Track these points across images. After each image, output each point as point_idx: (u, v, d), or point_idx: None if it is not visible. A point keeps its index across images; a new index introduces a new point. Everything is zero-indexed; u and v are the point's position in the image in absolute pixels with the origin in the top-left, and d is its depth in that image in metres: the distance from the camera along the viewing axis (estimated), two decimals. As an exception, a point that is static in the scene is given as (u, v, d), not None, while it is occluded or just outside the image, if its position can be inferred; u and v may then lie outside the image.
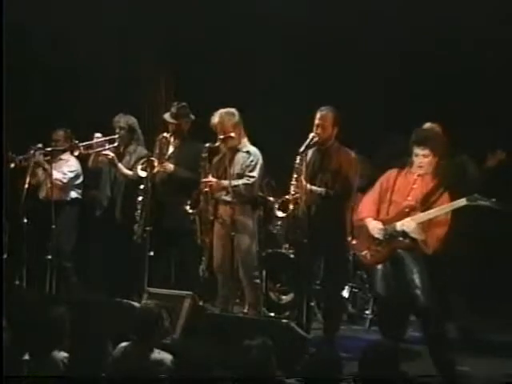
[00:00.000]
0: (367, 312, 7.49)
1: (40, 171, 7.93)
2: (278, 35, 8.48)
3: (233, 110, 6.89)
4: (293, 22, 8.31)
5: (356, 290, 7.68)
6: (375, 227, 5.99)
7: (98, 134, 7.74)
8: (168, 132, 7.42)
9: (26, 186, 7.56)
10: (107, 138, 7.71)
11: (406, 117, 7.43)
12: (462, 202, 5.78)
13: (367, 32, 8.17)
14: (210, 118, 6.95)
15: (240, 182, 6.85)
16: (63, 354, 4.91)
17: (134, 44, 8.95)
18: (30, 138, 8.09)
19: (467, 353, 6.40)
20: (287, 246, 7.82)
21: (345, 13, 8.23)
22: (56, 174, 7.84)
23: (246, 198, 6.88)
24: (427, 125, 6.76)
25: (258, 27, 8.50)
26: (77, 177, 8.02)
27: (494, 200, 5.74)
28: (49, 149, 7.80)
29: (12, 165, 7.83)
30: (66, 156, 8.07)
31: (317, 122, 6.63)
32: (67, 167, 8.01)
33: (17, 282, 7.68)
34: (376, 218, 6.03)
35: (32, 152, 7.73)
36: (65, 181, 7.94)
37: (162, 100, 9.01)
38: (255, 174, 6.89)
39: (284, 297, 7.65)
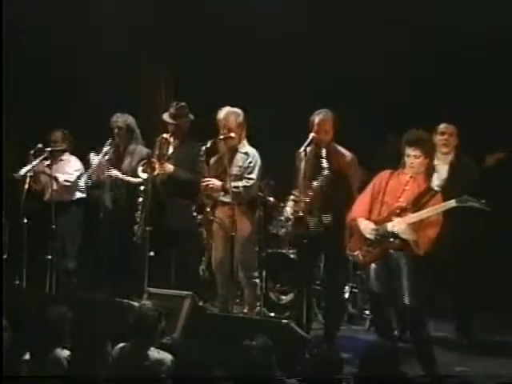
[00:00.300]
0: (367, 312, 7.48)
1: (43, 177, 7.90)
2: (278, 35, 8.48)
3: (239, 110, 6.91)
4: (293, 22, 8.32)
5: (356, 290, 7.67)
6: (366, 228, 6.06)
7: (92, 155, 7.74)
8: (167, 132, 7.41)
9: (26, 186, 7.56)
10: (102, 153, 7.67)
11: (405, 118, 7.45)
12: (452, 203, 5.85)
13: (367, 32, 8.17)
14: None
15: (239, 183, 6.85)
16: (63, 354, 4.91)
17: (133, 44, 8.94)
18: (30, 139, 8.10)
19: (461, 353, 6.46)
20: (287, 245, 7.82)
21: (345, 13, 8.24)
22: (62, 176, 7.86)
23: (244, 198, 6.90)
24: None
25: (258, 27, 8.50)
26: (81, 176, 8.01)
27: (483, 201, 5.80)
28: (48, 149, 7.79)
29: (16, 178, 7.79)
30: (67, 156, 8.07)
31: (317, 126, 6.64)
32: (71, 167, 8.01)
33: (17, 282, 7.69)
34: (368, 219, 6.10)
35: (32, 152, 7.73)
36: (72, 180, 7.94)
37: (161, 100, 9.01)
38: (254, 176, 6.91)
39: (284, 297, 7.65)
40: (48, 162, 7.80)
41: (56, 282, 7.53)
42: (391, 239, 5.94)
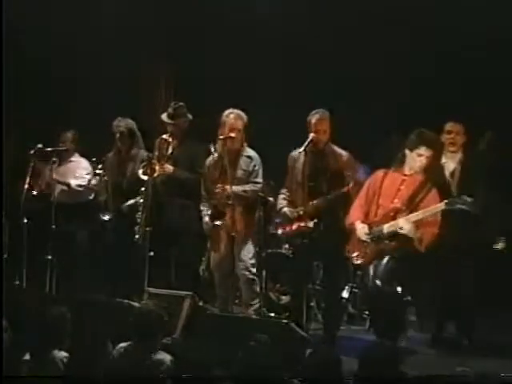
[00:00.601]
0: (367, 312, 7.48)
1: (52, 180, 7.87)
2: (278, 35, 8.48)
3: (242, 113, 6.91)
4: (293, 22, 8.32)
5: (356, 290, 7.67)
6: (361, 231, 6.19)
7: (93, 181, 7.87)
8: (167, 133, 7.41)
9: (27, 186, 7.55)
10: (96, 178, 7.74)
11: (405, 118, 7.46)
12: (441, 206, 6.02)
13: (367, 32, 8.16)
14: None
15: (247, 187, 6.88)
16: (60, 355, 4.91)
17: (133, 44, 8.93)
18: (30, 139, 8.09)
19: (461, 353, 6.47)
20: (287, 246, 7.81)
21: (345, 13, 8.24)
22: (75, 181, 7.85)
23: (248, 200, 6.91)
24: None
25: (258, 27, 8.50)
26: (91, 178, 8.00)
27: (470, 202, 5.92)
28: (49, 149, 7.77)
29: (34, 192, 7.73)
30: (76, 157, 8.05)
31: (315, 126, 6.65)
32: (82, 170, 8.00)
33: (17, 282, 7.68)
34: (364, 221, 6.23)
35: (33, 152, 7.70)
36: (84, 183, 7.93)
37: (161, 100, 9.00)
38: (260, 179, 6.96)
39: (284, 297, 7.64)
40: (55, 165, 7.76)
41: (56, 282, 7.53)
42: (386, 241, 6.08)
